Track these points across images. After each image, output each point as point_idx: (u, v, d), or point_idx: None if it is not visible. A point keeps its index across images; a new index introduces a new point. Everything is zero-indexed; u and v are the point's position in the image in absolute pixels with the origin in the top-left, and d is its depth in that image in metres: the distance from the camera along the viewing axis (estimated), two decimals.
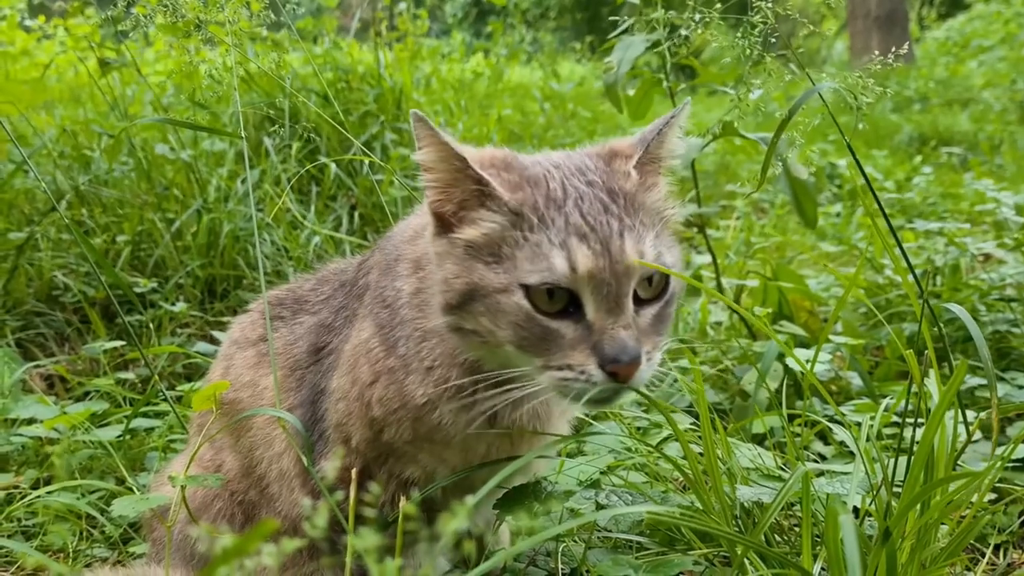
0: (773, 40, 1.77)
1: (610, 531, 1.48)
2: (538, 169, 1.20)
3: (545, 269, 1.11)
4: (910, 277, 1.67)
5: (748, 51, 1.71)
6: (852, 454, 1.93)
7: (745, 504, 1.38)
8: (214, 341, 2.79)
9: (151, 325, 2.92)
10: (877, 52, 1.67)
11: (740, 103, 1.78)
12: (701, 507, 1.28)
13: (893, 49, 1.58)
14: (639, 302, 1.17)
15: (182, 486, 1.31)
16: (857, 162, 1.68)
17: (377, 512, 1.29)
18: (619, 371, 1.10)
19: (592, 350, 1.12)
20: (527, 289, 1.12)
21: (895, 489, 1.37)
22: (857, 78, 1.54)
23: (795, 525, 1.65)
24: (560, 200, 1.15)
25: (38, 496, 1.83)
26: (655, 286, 1.18)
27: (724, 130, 2.34)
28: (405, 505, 0.96)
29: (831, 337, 2.44)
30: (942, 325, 2.07)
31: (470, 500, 0.80)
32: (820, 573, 1.19)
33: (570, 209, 1.14)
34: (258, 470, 1.44)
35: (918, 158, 6.59)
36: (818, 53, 16.14)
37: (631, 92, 2.71)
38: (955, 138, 8.01)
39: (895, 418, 2.11)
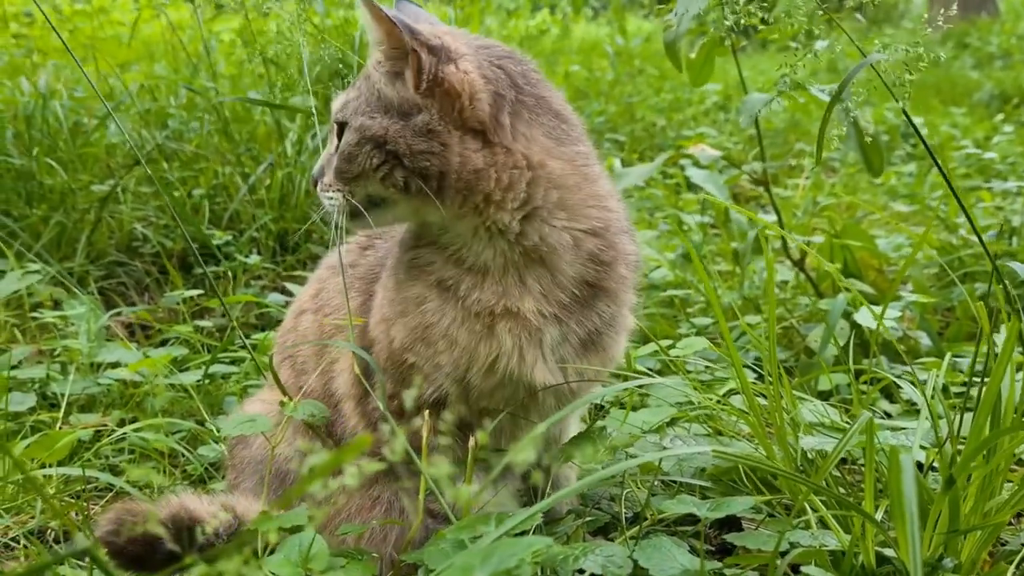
0: None
1: (673, 478, 1.51)
2: None
3: None
4: (990, 235, 1.64)
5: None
6: (919, 412, 1.92)
7: (808, 455, 1.40)
8: (286, 292, 2.87)
9: (227, 275, 3.02)
10: (956, 7, 1.63)
11: (803, 56, 1.75)
12: (764, 455, 1.30)
13: (942, 12, 1.54)
14: None
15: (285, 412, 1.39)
16: (911, 123, 1.64)
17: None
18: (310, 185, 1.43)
19: None
20: None
21: (959, 446, 1.37)
22: (914, 44, 1.50)
23: (859, 480, 1.66)
24: None
25: (125, 434, 1.92)
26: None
27: (791, 87, 2.30)
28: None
29: (901, 295, 2.41)
30: (1011, 285, 2.03)
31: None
32: (882, 522, 1.20)
33: None
34: (331, 386, 1.51)
35: (999, 116, 6.37)
36: (895, 8, 15.59)
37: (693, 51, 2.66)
38: None
39: (965, 379, 2.09)
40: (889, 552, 1.15)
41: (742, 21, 1.69)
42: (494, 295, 1.32)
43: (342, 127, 1.35)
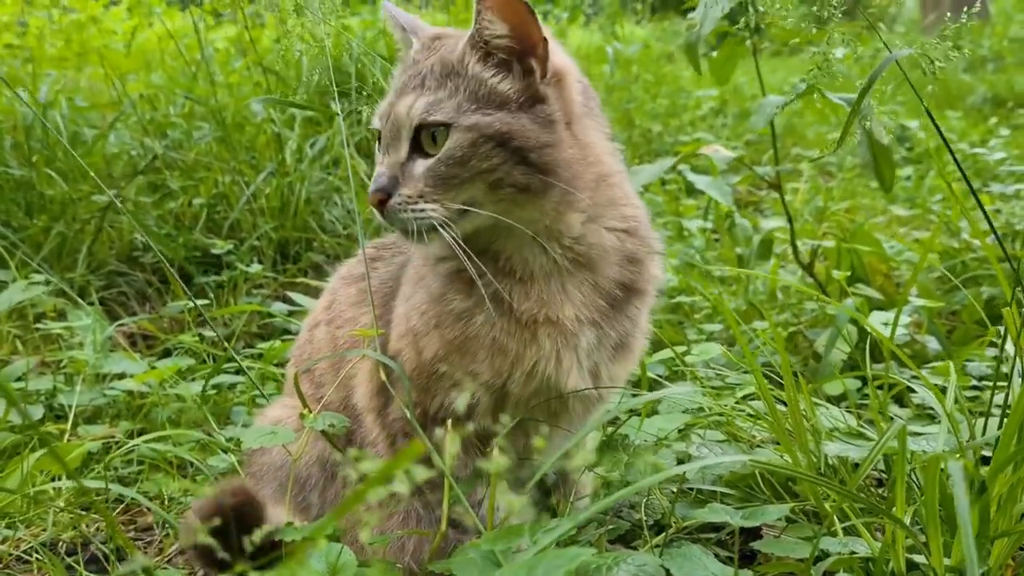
0: None
1: (692, 485, 1.50)
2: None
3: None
4: (990, 239, 1.64)
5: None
6: (931, 416, 1.92)
7: (830, 460, 1.40)
8: (288, 301, 2.86)
9: (228, 285, 3.00)
10: (948, 12, 1.64)
11: (823, 62, 1.75)
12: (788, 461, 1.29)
13: (966, 10, 1.55)
14: (424, 154, 1.25)
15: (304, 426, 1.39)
16: (934, 123, 1.65)
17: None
18: (371, 200, 1.24)
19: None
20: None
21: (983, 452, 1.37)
22: (935, 45, 1.51)
23: (872, 485, 1.66)
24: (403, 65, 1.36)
25: (135, 445, 1.91)
26: (437, 143, 1.24)
27: (807, 91, 2.30)
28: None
29: (908, 299, 2.41)
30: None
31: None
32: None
33: (399, 73, 1.35)
34: (351, 399, 1.49)
35: (993, 120, 6.40)
36: (887, 11, 15.65)
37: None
38: None
39: (974, 382, 2.09)
40: (919, 558, 1.14)
41: (762, 25, 1.69)
42: (537, 303, 1.30)
43: (424, 130, 1.24)
